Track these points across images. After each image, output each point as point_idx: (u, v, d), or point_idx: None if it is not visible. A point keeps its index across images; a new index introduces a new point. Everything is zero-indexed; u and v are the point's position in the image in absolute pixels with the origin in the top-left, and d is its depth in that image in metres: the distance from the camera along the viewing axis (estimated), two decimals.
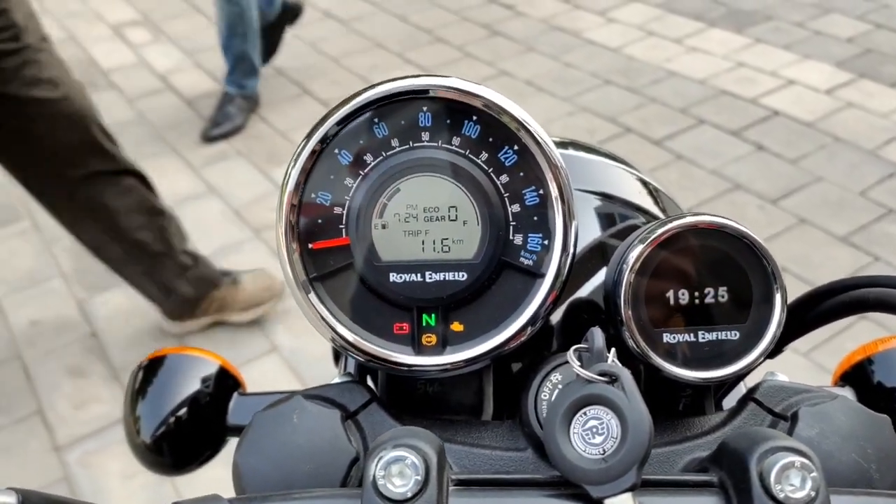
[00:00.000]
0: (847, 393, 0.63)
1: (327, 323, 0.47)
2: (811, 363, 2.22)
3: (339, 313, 0.47)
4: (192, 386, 0.66)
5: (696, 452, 0.45)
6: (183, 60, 4.25)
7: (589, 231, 0.67)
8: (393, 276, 0.47)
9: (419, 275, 0.47)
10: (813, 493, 0.34)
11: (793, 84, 3.67)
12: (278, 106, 3.79)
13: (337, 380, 0.51)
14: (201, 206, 3.12)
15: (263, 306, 2.47)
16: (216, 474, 0.79)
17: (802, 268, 2.63)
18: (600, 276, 0.54)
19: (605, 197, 0.71)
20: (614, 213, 0.71)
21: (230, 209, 3.07)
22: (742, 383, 0.63)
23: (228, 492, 0.43)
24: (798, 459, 0.35)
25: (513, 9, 4.60)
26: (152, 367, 0.68)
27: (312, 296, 0.47)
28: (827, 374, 2.15)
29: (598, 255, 0.65)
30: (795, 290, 0.50)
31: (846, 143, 3.26)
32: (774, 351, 0.61)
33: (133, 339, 2.53)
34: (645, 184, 0.75)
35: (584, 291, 0.61)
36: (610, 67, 3.94)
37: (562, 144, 0.76)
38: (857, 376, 0.64)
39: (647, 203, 0.72)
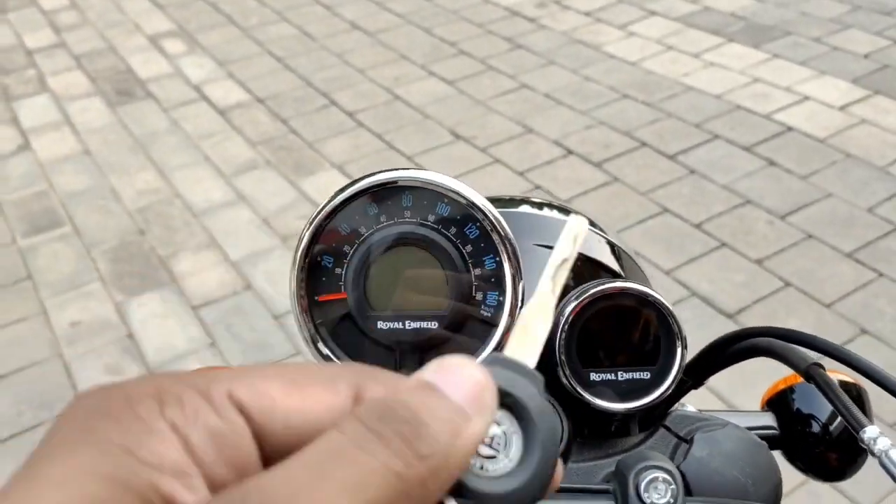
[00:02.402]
0: (769, 417, 0.75)
1: (329, 359, 0.60)
2: None
3: (338, 350, 0.61)
4: None
5: (615, 466, 0.58)
6: (216, 71, 4.43)
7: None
8: (380, 324, 0.60)
9: (401, 323, 0.60)
10: (672, 500, 0.47)
11: (807, 100, 3.75)
12: (306, 117, 3.94)
13: None
14: (231, 214, 3.29)
15: None
16: None
17: (808, 284, 2.72)
18: None
19: None
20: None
21: (258, 218, 3.23)
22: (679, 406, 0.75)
23: None
24: (661, 475, 0.47)
25: (536, 21, 4.72)
26: None
27: (317, 337, 0.60)
28: None
29: None
30: (800, 306, 0.61)
31: (857, 160, 3.33)
32: (696, 384, 0.73)
33: (166, 340, 2.70)
34: (610, 244, 0.87)
35: None
36: (628, 81, 4.04)
37: (538, 205, 0.87)
38: (780, 403, 0.76)
39: (607, 260, 0.83)
